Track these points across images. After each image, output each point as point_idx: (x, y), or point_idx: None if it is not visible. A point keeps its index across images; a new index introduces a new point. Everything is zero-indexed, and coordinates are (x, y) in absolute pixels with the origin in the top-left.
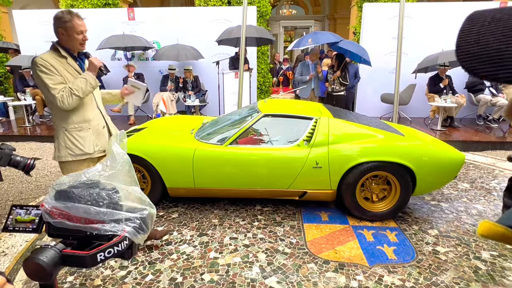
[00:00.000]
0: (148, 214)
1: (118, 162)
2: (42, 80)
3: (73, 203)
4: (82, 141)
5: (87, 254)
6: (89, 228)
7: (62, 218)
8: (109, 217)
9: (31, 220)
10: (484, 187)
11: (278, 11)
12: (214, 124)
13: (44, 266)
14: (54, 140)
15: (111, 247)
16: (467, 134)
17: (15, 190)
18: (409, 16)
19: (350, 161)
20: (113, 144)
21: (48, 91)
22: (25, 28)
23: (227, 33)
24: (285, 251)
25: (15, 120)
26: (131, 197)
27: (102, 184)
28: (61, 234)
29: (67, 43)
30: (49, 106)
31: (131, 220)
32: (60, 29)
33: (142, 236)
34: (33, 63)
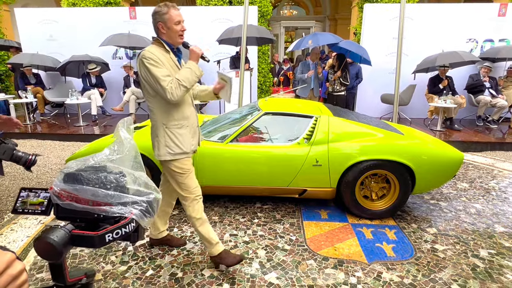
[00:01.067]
0: (154, 198)
1: (125, 147)
2: (152, 72)
3: (81, 186)
4: (181, 139)
5: (95, 234)
6: (97, 210)
7: (71, 200)
8: (117, 200)
9: (39, 202)
10: (483, 187)
11: (279, 11)
12: (215, 122)
13: (55, 245)
14: (152, 138)
15: (119, 228)
16: (467, 134)
17: (17, 186)
18: (409, 17)
19: (350, 160)
20: (120, 129)
21: (158, 83)
22: (27, 26)
23: (228, 33)
24: (284, 248)
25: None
26: (137, 182)
27: (110, 168)
28: (69, 216)
29: (167, 36)
30: (150, 102)
31: (138, 203)
32: (160, 23)
33: (148, 220)
34: (141, 56)
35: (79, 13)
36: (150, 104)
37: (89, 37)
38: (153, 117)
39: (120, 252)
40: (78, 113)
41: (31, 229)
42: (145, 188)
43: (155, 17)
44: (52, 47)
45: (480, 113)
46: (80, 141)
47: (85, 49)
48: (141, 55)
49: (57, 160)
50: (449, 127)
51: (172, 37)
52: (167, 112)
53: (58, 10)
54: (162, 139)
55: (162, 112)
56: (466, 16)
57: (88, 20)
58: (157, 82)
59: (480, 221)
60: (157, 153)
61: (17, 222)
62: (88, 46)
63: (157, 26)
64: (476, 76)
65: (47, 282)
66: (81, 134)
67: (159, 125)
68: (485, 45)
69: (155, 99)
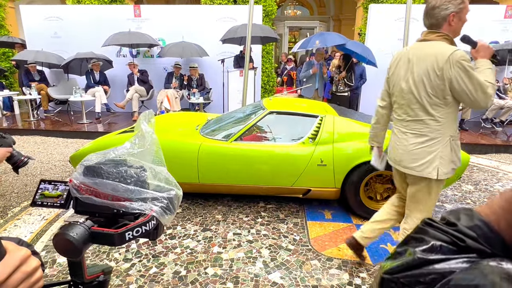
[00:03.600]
0: (175, 195)
1: (147, 141)
2: (474, 77)
3: (101, 180)
4: (458, 150)
5: (115, 232)
6: (117, 205)
7: (90, 194)
8: (137, 195)
9: (58, 195)
10: (488, 190)
11: (283, 11)
12: (219, 121)
13: (74, 242)
14: (423, 154)
15: (139, 226)
16: (472, 137)
17: (20, 182)
18: (415, 18)
19: (355, 160)
20: (142, 122)
21: (480, 89)
22: (32, 23)
23: (232, 32)
24: (288, 248)
25: (20, 114)
26: (158, 177)
27: (130, 162)
28: (87, 210)
29: (453, 30)
30: (439, 112)
31: (158, 199)
32: (454, 13)
33: (169, 217)
34: (458, 58)
35: (84, 10)
36: (439, 114)
37: (93, 34)
38: (437, 129)
39: (123, 249)
40: (81, 110)
41: (34, 225)
42: (166, 184)
43: (447, 6)
44: (56, 44)
45: (490, 116)
46: (83, 139)
47: (90, 47)
48: (457, 57)
49: (61, 157)
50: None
51: (457, 31)
52: (454, 121)
53: (63, 8)
54: (447, 154)
55: (452, 122)
56: (472, 18)
57: (93, 18)
58: (478, 89)
59: None
60: (440, 171)
61: (21, 218)
62: (92, 43)
63: (447, 17)
64: None
65: (65, 276)
66: (85, 132)
67: (445, 138)
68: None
69: (448, 109)
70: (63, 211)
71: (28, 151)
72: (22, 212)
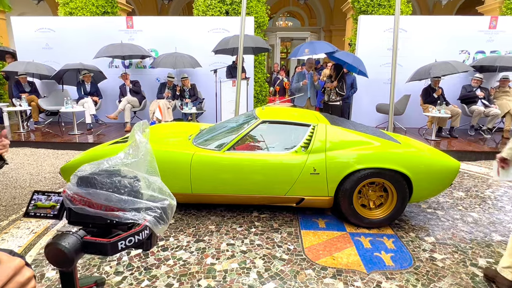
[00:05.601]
0: (169, 204)
1: (140, 151)
2: None
3: (94, 190)
4: None
5: (108, 241)
6: (110, 215)
7: (83, 205)
8: (130, 205)
9: (51, 206)
10: (479, 196)
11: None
12: (212, 131)
13: (66, 252)
14: None
15: (132, 236)
16: (461, 144)
17: (8, 195)
18: (403, 29)
19: (347, 168)
20: (136, 132)
21: None
22: (23, 35)
23: (224, 43)
24: (282, 257)
25: (10, 126)
26: (152, 187)
27: (124, 172)
28: (81, 221)
29: None
30: None
31: (152, 209)
32: None
33: (162, 227)
34: None
35: (76, 22)
36: None
37: (85, 46)
38: None
39: (114, 262)
40: (73, 121)
41: (23, 238)
42: (159, 194)
43: None
44: (48, 56)
45: (474, 123)
46: (74, 150)
47: (81, 58)
48: None
49: (51, 169)
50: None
51: None
52: None
53: (55, 19)
54: None
55: None
56: (458, 28)
57: (85, 29)
58: None
59: (477, 230)
60: None
61: (9, 231)
62: (84, 55)
63: None
64: (469, 87)
65: None
66: (75, 143)
67: None
68: (477, 56)
69: None
70: (52, 225)
71: (17, 163)
72: (10, 225)
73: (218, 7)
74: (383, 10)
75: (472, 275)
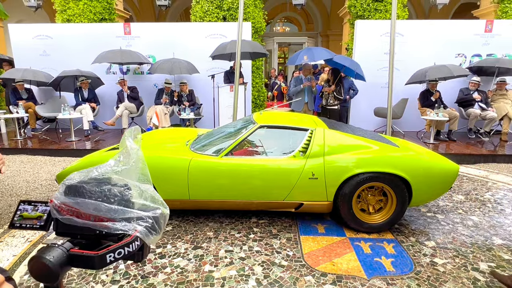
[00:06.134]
0: (161, 213)
1: (131, 158)
2: None
3: (83, 199)
4: None
5: (96, 254)
6: (99, 226)
7: (71, 215)
8: (120, 215)
9: (38, 216)
10: (478, 199)
11: (272, 28)
12: (210, 136)
13: (51, 266)
14: None
15: (122, 247)
16: (459, 147)
17: (4, 203)
18: (400, 33)
19: (346, 172)
20: (127, 138)
21: None
22: (20, 42)
23: (221, 49)
24: (281, 264)
25: (6, 133)
26: (143, 195)
27: (114, 180)
28: (69, 232)
29: None
30: None
31: (143, 219)
32: None
33: (154, 237)
34: None
35: (74, 29)
36: None
37: (83, 52)
38: None
39: (111, 270)
40: (70, 128)
41: (17, 247)
42: (151, 203)
43: None
44: (45, 63)
45: (471, 126)
46: (71, 156)
47: (79, 64)
48: None
49: (47, 176)
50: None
51: None
52: None
53: (52, 26)
54: None
55: None
56: (454, 32)
57: (83, 36)
58: None
59: (478, 234)
60: None
61: (3, 240)
62: (82, 61)
63: None
64: (466, 90)
65: None
66: (72, 149)
67: None
68: (473, 59)
69: None
70: (48, 233)
71: (13, 171)
72: (5, 234)
73: (215, 13)
74: (380, 14)
75: (474, 280)
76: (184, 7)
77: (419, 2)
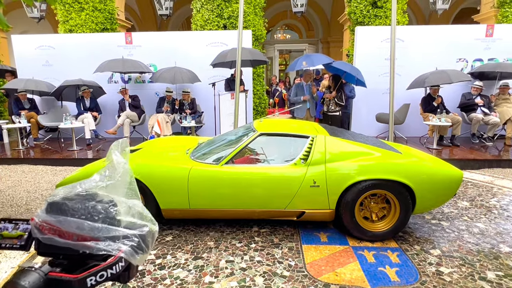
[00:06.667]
0: (149, 231)
1: (118, 172)
2: None
3: (65, 217)
4: None
5: (74, 278)
6: (81, 246)
7: (53, 234)
8: (104, 234)
9: (18, 235)
10: (484, 205)
11: (272, 35)
12: (210, 144)
13: None
14: None
15: (104, 269)
16: (463, 152)
17: (4, 213)
18: (400, 39)
19: (348, 180)
20: (113, 152)
21: None
22: (23, 53)
23: (222, 57)
24: (283, 274)
25: (9, 143)
26: (131, 212)
27: (100, 196)
28: (51, 252)
29: None
30: None
31: (129, 237)
32: None
33: (141, 257)
34: None
35: (76, 39)
36: None
37: (85, 62)
38: None
39: (109, 282)
40: (72, 137)
41: (16, 259)
42: (139, 219)
43: None
44: (47, 73)
45: (474, 131)
46: (72, 166)
47: (81, 74)
48: None
49: (48, 186)
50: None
51: None
52: None
53: (54, 37)
54: None
55: None
56: (455, 37)
57: (84, 46)
58: None
59: (484, 241)
60: None
61: (2, 252)
62: (84, 71)
63: None
64: (468, 94)
65: None
66: (74, 159)
67: None
68: (474, 64)
69: None
70: None
71: (14, 181)
72: None
73: (216, 22)
74: (380, 21)
75: None
76: (185, 16)
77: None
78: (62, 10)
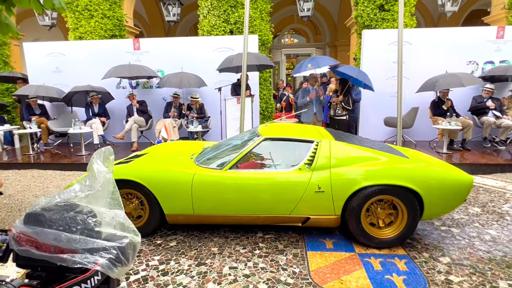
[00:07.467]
0: (129, 243)
1: (98, 182)
2: None
3: (42, 228)
4: None
5: None
6: (56, 258)
7: (30, 246)
8: (82, 246)
9: None
10: (496, 211)
11: (280, 40)
12: (215, 149)
13: None
14: None
15: (78, 284)
16: (474, 156)
17: (12, 219)
18: (408, 42)
19: (354, 185)
20: (95, 161)
21: None
22: (34, 60)
23: (228, 62)
24: (287, 282)
25: (20, 148)
26: (112, 223)
27: (79, 207)
28: (29, 264)
29: None
30: None
31: (107, 250)
32: None
33: (120, 270)
34: None
35: (85, 46)
36: None
37: (94, 68)
38: None
39: None
40: (80, 142)
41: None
42: (120, 230)
43: None
44: (58, 79)
45: (486, 135)
46: (81, 170)
47: (90, 80)
48: None
49: (56, 190)
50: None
51: None
52: None
53: (65, 43)
54: None
55: None
56: (465, 39)
57: (94, 52)
58: None
59: (496, 249)
60: None
61: None
62: (93, 76)
63: None
64: (479, 97)
65: None
66: (83, 163)
67: None
68: (485, 67)
69: None
70: None
71: (24, 185)
72: None
73: (222, 27)
74: (387, 24)
75: None
76: (193, 22)
77: (428, 10)
78: (72, 18)
